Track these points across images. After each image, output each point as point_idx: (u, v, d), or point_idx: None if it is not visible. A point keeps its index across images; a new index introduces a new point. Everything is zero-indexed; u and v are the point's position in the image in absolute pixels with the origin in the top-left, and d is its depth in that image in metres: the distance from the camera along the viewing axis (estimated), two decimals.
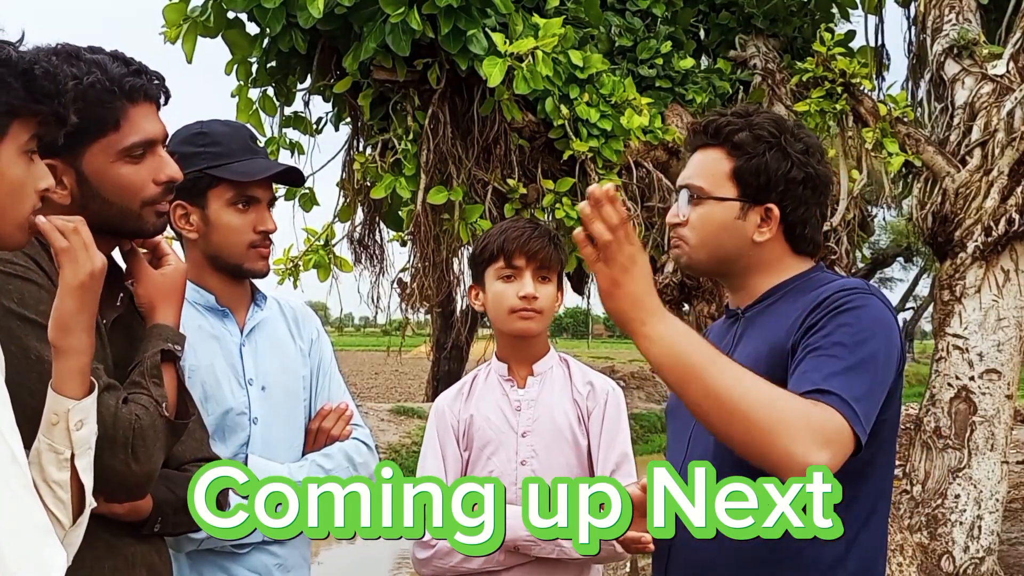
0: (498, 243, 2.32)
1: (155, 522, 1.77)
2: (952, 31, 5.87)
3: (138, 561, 1.75)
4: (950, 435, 5.41)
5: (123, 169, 1.70)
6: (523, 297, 2.29)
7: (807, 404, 1.55)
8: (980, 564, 5.32)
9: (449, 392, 2.47)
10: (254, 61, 4.94)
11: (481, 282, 2.38)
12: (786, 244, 1.85)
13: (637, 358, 36.08)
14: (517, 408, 2.33)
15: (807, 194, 1.82)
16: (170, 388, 1.72)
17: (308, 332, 2.31)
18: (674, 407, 1.95)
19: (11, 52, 1.36)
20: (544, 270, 2.34)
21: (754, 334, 1.81)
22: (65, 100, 1.43)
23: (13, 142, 1.38)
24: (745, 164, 1.81)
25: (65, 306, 1.49)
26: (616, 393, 2.40)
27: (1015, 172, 5.42)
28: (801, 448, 1.50)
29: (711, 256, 1.86)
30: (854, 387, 1.59)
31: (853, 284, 1.75)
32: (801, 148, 1.83)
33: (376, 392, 23.29)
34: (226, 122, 2.24)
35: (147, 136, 1.72)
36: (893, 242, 24.30)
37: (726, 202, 1.82)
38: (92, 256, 1.51)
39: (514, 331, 2.33)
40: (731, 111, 1.88)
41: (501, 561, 2.25)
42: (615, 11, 5.52)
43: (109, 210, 1.71)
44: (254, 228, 2.14)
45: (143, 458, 1.60)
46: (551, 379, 2.37)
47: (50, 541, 1.30)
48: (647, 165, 5.17)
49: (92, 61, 1.67)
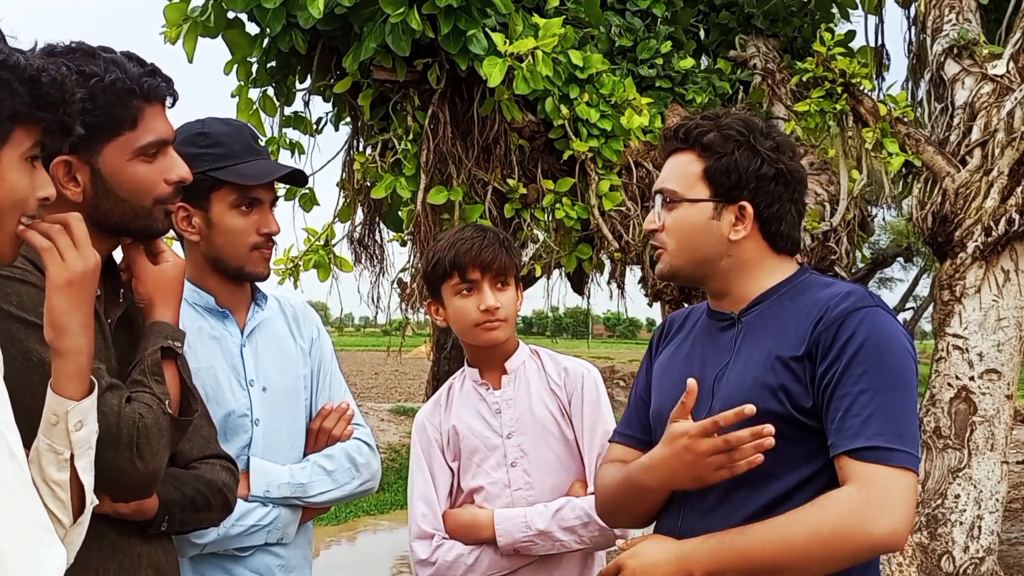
0: (449, 258, 2.27)
1: (162, 521, 1.77)
2: (952, 31, 5.87)
3: (144, 561, 1.75)
4: (950, 435, 5.41)
5: (138, 168, 1.72)
6: (485, 310, 2.26)
7: (838, 499, 1.62)
8: (980, 564, 5.32)
9: (427, 406, 2.44)
10: (254, 61, 4.94)
11: (439, 298, 2.34)
12: (764, 243, 1.86)
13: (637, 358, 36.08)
14: (497, 411, 2.32)
15: (779, 190, 1.83)
16: (172, 385, 1.72)
17: (308, 331, 2.30)
18: (667, 414, 1.94)
19: (19, 58, 1.36)
20: (500, 277, 2.29)
21: (756, 342, 1.81)
22: (71, 109, 1.43)
23: (15, 148, 1.38)
24: (715, 164, 1.83)
25: (56, 305, 1.47)
26: (592, 373, 2.38)
27: (1015, 172, 5.42)
28: (868, 532, 1.59)
29: (690, 259, 1.87)
30: (891, 424, 1.64)
31: (854, 296, 1.75)
32: (771, 145, 1.84)
33: (376, 392, 23.28)
34: (226, 121, 2.21)
35: (161, 136, 1.75)
36: (893, 242, 24.27)
37: (699, 203, 1.84)
38: (84, 253, 1.49)
39: (481, 343, 2.31)
40: (701, 115, 1.91)
41: (505, 566, 2.25)
42: (615, 11, 5.52)
43: (121, 208, 1.72)
44: (257, 230, 2.13)
45: (148, 457, 1.60)
46: (525, 375, 2.35)
47: (49, 539, 1.29)
48: (647, 165, 5.16)
49: (110, 60, 1.69)
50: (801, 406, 1.71)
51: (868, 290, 1.80)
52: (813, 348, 1.71)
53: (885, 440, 1.62)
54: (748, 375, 1.77)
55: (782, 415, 1.70)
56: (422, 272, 2.45)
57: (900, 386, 1.67)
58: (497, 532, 2.22)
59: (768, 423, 1.68)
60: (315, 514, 2.23)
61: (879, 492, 1.60)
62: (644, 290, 5.48)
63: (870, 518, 1.59)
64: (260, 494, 2.09)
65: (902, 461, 1.62)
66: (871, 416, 1.64)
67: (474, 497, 2.30)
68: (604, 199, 4.93)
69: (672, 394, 1.92)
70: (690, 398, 1.72)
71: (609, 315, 65.19)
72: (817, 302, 1.75)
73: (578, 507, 2.22)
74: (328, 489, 2.17)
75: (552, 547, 2.23)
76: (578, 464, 2.31)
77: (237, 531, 2.06)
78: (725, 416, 1.66)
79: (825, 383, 1.69)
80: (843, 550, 1.61)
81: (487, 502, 2.28)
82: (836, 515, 1.61)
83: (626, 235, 5.04)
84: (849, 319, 1.70)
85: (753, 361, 1.77)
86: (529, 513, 2.22)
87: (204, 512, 1.84)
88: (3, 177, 1.37)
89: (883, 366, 1.67)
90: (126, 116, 1.69)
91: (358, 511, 9.50)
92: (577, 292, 6.02)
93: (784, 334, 1.75)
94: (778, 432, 1.69)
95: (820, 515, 1.63)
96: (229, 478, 1.90)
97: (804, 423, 1.70)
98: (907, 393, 1.68)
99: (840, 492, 1.63)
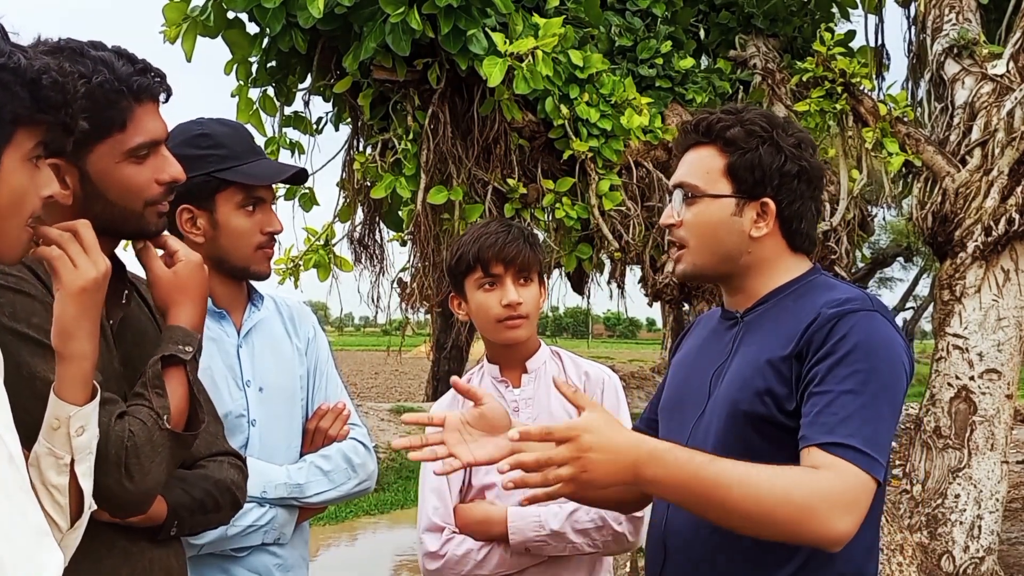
0: (473, 252, 2.27)
1: (171, 526, 1.75)
2: (952, 31, 5.87)
3: (155, 566, 1.73)
4: (950, 435, 5.42)
5: (127, 169, 1.67)
6: (507, 305, 2.26)
7: (819, 478, 1.56)
8: (980, 564, 5.32)
9: (443, 400, 2.44)
10: (254, 61, 4.94)
11: (461, 292, 2.34)
12: (783, 241, 1.84)
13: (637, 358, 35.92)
14: (515, 409, 2.31)
15: (802, 187, 1.81)
16: (178, 395, 1.66)
17: (304, 331, 2.30)
18: (670, 407, 1.94)
19: (20, 59, 1.34)
20: (524, 272, 2.28)
21: (752, 341, 1.79)
22: (73, 110, 1.42)
23: (17, 150, 1.37)
24: (739, 159, 1.80)
25: (66, 312, 1.47)
26: (612, 379, 2.38)
27: (1015, 172, 5.42)
28: (829, 524, 1.53)
29: (712, 256, 1.83)
30: (868, 428, 1.59)
31: (854, 301, 1.71)
32: (793, 142, 1.82)
33: (376, 392, 23.28)
34: (224, 121, 2.20)
35: (152, 136, 1.69)
36: (893, 242, 24.30)
37: (721, 199, 1.81)
38: (95, 260, 1.49)
39: (502, 340, 2.31)
40: (721, 109, 1.88)
41: (514, 564, 2.24)
42: (615, 11, 5.52)
43: (112, 210, 1.68)
44: (261, 230, 2.13)
45: (138, 476, 1.56)
46: (545, 375, 2.35)
47: (46, 543, 1.29)
48: (647, 165, 5.17)
49: (98, 59, 1.64)
50: (785, 408, 1.67)
51: (871, 295, 1.76)
52: (804, 348, 1.67)
53: (860, 443, 1.57)
54: (739, 376, 1.75)
55: (766, 417, 1.68)
56: (445, 265, 2.44)
57: (886, 395, 1.62)
58: (510, 529, 2.21)
59: (754, 424, 1.67)
60: (312, 514, 2.23)
61: (851, 491, 1.55)
62: (644, 290, 5.48)
63: (838, 512, 1.53)
64: (257, 495, 2.09)
65: (872, 468, 1.57)
66: (850, 417, 1.59)
67: (485, 494, 2.30)
68: (604, 199, 4.93)
69: (677, 390, 1.94)
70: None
71: (609, 315, 65.18)
72: (815, 305, 1.72)
73: (592, 510, 2.21)
74: (325, 489, 2.17)
75: (564, 548, 2.22)
76: None
77: (235, 531, 2.06)
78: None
79: (808, 379, 1.65)
80: (800, 527, 1.53)
81: (499, 499, 2.27)
82: (815, 494, 1.54)
83: (626, 235, 5.04)
84: (844, 320, 1.67)
85: (747, 362, 1.76)
86: (544, 513, 2.22)
87: (214, 513, 1.83)
88: (5, 179, 1.37)
89: (873, 371, 1.62)
90: (115, 118, 1.64)
91: (358, 511, 9.50)
92: (577, 292, 6.01)
93: (777, 335, 1.73)
94: (763, 434, 1.68)
95: (801, 486, 1.55)
96: (238, 475, 1.88)
97: (787, 425, 1.67)
98: (891, 403, 1.63)
99: (823, 473, 1.56)
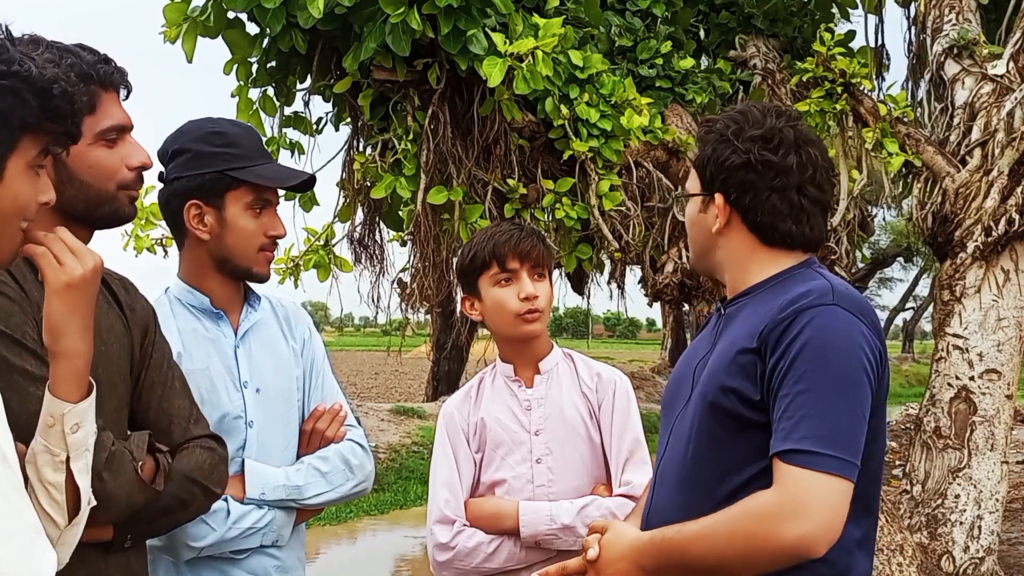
0: (488, 249, 2.31)
1: (123, 541, 1.73)
2: (952, 31, 5.87)
3: (112, 568, 1.72)
4: (950, 435, 5.42)
5: (99, 151, 1.74)
6: (525, 298, 2.29)
7: (756, 501, 1.61)
8: (980, 564, 5.32)
9: (456, 396, 2.46)
10: (254, 61, 4.94)
11: (475, 291, 2.37)
12: (752, 235, 1.82)
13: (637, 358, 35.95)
14: (527, 408, 2.34)
15: (751, 178, 1.78)
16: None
17: (300, 332, 2.31)
18: (667, 400, 1.96)
19: (31, 68, 1.36)
20: (538, 268, 2.33)
21: (727, 334, 1.80)
22: (78, 120, 1.45)
23: (22, 157, 1.39)
24: (698, 158, 1.87)
25: (54, 309, 1.48)
26: (624, 382, 2.41)
27: (1015, 172, 5.42)
28: (779, 538, 1.56)
29: (693, 252, 1.95)
30: (824, 426, 1.59)
31: (811, 294, 1.69)
32: (754, 135, 1.79)
33: (376, 392, 23.29)
34: (236, 122, 2.23)
35: (119, 122, 1.77)
36: (893, 242, 24.33)
37: (693, 197, 1.89)
38: (82, 258, 1.50)
39: (520, 335, 2.33)
40: (726, 109, 1.94)
41: (523, 559, 2.26)
42: (615, 11, 5.52)
43: (85, 193, 1.73)
44: (265, 232, 2.15)
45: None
46: (558, 376, 2.38)
47: (40, 542, 1.30)
48: (647, 165, 5.17)
49: (64, 48, 1.71)
50: (748, 399, 1.68)
51: (839, 287, 1.73)
52: (762, 345, 1.68)
53: (812, 444, 1.57)
54: (712, 368, 1.77)
55: (729, 411, 1.70)
56: (456, 266, 2.48)
57: (840, 389, 1.61)
58: (521, 523, 2.24)
59: (717, 417, 1.71)
60: (309, 516, 2.23)
61: (795, 497, 1.56)
62: (644, 290, 5.49)
63: (782, 522, 1.55)
64: (256, 496, 2.09)
65: (828, 466, 1.57)
66: (803, 418, 1.59)
67: (495, 490, 2.32)
68: (604, 199, 4.93)
69: (672, 383, 1.98)
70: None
71: (609, 315, 65.30)
72: (781, 301, 1.71)
73: (604, 506, 2.24)
74: (323, 491, 2.17)
75: (574, 543, 2.22)
76: (601, 468, 2.33)
77: (233, 534, 2.06)
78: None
79: (769, 380, 1.66)
80: (760, 553, 1.58)
81: (508, 495, 2.30)
82: (751, 518, 1.58)
83: (626, 235, 5.04)
84: (799, 317, 1.66)
85: (720, 353, 1.77)
86: (555, 508, 2.24)
87: (182, 511, 1.81)
88: (9, 185, 1.38)
89: (825, 367, 1.62)
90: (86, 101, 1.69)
91: (358, 511, 9.49)
92: (577, 292, 6.02)
93: (746, 329, 1.73)
94: (725, 427, 1.70)
95: (739, 516, 1.60)
96: (208, 458, 1.85)
97: (751, 419, 1.68)
98: (847, 396, 1.62)
99: (762, 494, 1.60)
